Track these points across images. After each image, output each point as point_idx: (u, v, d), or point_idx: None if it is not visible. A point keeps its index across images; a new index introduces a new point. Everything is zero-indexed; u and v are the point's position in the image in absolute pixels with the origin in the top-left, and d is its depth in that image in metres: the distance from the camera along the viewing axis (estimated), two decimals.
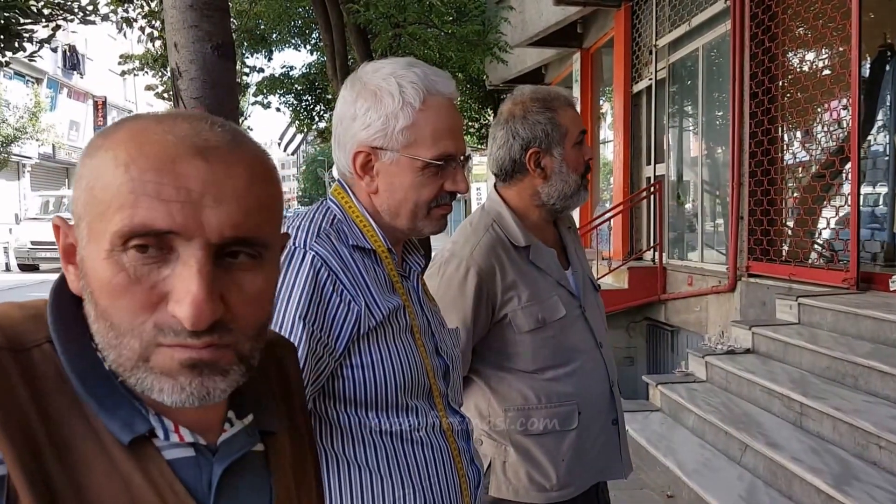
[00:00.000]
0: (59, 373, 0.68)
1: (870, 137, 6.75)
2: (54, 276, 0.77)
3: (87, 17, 9.21)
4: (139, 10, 9.09)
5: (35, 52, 9.13)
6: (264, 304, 0.73)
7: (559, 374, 1.94)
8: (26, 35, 8.74)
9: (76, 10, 9.11)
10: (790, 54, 6.36)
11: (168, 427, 0.71)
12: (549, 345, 1.94)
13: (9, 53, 8.86)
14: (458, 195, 1.42)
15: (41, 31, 9.20)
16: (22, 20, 8.54)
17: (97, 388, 0.69)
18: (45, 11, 8.86)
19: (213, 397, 0.69)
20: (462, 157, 1.40)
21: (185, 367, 0.67)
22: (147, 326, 0.66)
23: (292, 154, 60.50)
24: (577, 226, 2.28)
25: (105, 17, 9.26)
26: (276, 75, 16.84)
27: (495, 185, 2.08)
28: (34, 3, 8.75)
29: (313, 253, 1.28)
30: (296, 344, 1.20)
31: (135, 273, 0.65)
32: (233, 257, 0.69)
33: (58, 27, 9.24)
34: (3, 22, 8.31)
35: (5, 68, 10.23)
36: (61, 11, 9.05)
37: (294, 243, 1.30)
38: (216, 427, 0.76)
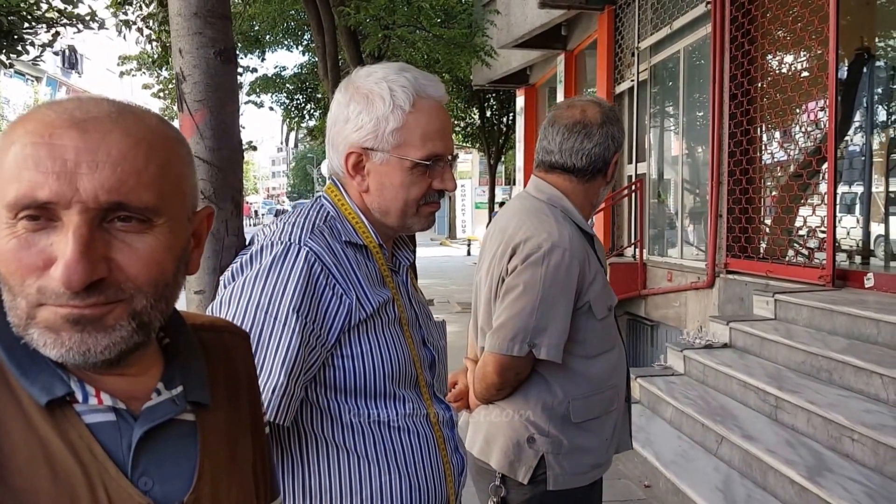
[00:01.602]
0: None
1: (847, 138, 6.81)
2: None
3: (88, 25, 9.25)
4: (137, 12, 9.15)
5: (38, 56, 9.21)
6: (162, 264, 0.74)
7: (608, 359, 2.03)
8: (28, 39, 8.80)
9: (76, 18, 9.15)
10: (769, 57, 6.43)
11: (89, 392, 0.73)
12: (607, 330, 2.03)
13: (12, 56, 8.93)
14: (446, 193, 1.47)
15: (42, 36, 9.26)
16: (24, 25, 8.60)
17: (21, 357, 0.72)
18: (48, 16, 8.91)
19: (93, 353, 0.70)
20: (450, 157, 1.45)
21: (68, 321, 0.69)
22: (32, 289, 0.69)
23: (294, 148, 60.41)
24: None
25: (102, 26, 9.33)
26: (269, 75, 16.75)
27: (539, 177, 2.09)
28: (36, 9, 8.81)
29: (307, 249, 1.32)
30: (290, 335, 1.26)
31: (26, 240, 0.69)
32: (125, 221, 0.71)
33: (58, 34, 9.30)
34: (6, 27, 8.34)
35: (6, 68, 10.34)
36: (62, 18, 9.09)
37: (289, 239, 1.34)
38: (143, 397, 0.78)
